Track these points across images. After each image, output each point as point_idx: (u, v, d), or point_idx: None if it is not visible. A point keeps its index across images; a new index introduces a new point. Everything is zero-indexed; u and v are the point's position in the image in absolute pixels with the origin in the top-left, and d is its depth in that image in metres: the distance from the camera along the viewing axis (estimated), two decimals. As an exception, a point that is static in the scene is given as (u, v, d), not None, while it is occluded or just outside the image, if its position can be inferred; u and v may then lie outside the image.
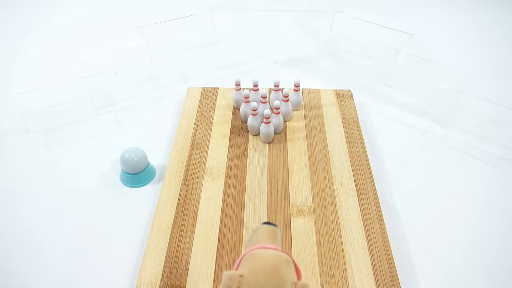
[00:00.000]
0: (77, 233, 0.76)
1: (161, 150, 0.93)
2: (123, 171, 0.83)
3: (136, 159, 0.81)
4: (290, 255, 0.51)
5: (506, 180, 0.87)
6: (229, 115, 0.98)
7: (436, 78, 1.03)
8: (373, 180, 0.83)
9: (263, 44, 1.29)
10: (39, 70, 1.19)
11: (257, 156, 0.88)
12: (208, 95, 1.04)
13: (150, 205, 0.81)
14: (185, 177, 0.83)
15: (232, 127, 0.95)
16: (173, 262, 0.68)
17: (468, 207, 0.82)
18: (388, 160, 0.91)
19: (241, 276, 0.47)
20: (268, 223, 0.54)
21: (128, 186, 0.84)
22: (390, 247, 0.72)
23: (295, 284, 0.47)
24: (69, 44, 1.30)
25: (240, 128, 0.94)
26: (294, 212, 0.77)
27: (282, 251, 0.50)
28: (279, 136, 0.93)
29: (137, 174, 0.83)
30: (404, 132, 0.99)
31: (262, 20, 1.35)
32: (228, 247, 0.71)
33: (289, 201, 0.79)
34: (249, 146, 0.90)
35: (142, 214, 0.79)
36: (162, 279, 0.66)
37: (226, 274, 0.47)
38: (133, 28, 1.13)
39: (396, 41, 1.08)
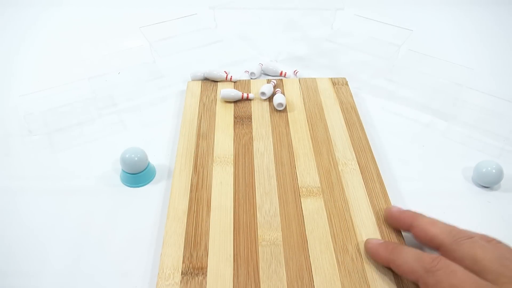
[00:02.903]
0: (80, 232, 0.76)
1: (162, 149, 0.93)
2: (123, 171, 0.84)
3: (136, 159, 0.82)
4: None
5: (507, 170, 0.88)
6: (230, 106, 1.01)
7: (437, 72, 1.05)
8: (375, 161, 0.87)
9: (264, 42, 1.30)
10: (41, 71, 1.18)
11: (263, 143, 0.91)
12: (208, 88, 1.06)
13: (152, 203, 0.81)
14: (195, 166, 0.85)
15: (235, 117, 0.97)
16: (192, 246, 0.71)
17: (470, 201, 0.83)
18: (390, 153, 0.93)
19: None
20: None
21: (128, 186, 0.84)
22: (397, 220, 0.75)
23: None
24: (71, 44, 1.29)
25: (243, 118, 0.97)
26: (304, 193, 0.80)
27: None
28: (281, 124, 0.96)
29: (137, 174, 0.83)
30: (406, 126, 1.01)
31: (263, 18, 1.37)
32: (244, 229, 0.74)
33: (298, 183, 0.82)
34: (253, 134, 0.93)
35: (144, 212, 0.79)
36: (183, 262, 0.68)
37: None
38: (135, 28, 1.13)
39: (396, 37, 1.10)
